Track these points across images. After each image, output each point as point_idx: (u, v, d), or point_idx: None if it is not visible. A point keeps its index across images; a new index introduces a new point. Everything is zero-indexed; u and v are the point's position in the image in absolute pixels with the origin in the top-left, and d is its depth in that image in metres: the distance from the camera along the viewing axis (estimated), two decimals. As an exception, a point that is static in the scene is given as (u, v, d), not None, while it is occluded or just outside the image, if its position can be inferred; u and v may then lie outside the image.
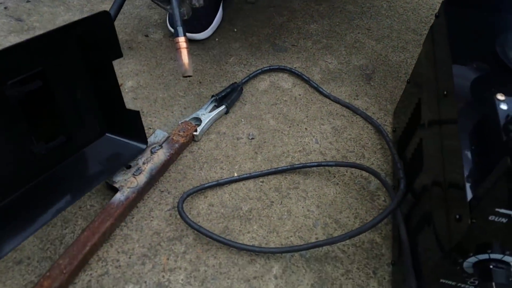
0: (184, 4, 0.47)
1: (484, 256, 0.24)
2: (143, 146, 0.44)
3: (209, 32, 0.63)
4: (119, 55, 0.38)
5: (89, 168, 0.41)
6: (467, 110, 0.29)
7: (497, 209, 0.22)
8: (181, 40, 0.42)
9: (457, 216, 0.24)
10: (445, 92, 0.32)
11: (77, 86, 0.39)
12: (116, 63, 0.39)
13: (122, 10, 0.50)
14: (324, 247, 0.39)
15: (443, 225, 0.27)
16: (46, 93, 0.37)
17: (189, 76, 0.43)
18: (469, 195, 0.24)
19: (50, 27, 0.64)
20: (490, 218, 0.22)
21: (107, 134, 0.44)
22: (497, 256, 0.24)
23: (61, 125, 0.39)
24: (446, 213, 0.27)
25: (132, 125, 0.42)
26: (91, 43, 0.37)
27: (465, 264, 0.26)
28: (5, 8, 0.67)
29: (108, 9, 0.41)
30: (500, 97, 0.27)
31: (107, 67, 0.39)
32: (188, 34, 0.44)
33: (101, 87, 0.40)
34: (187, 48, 0.42)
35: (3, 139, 0.34)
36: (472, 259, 0.25)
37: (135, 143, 0.43)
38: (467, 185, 0.24)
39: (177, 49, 0.42)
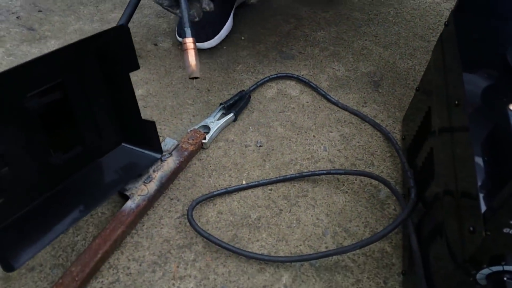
0: (194, 6, 0.47)
1: (498, 268, 0.24)
2: (158, 156, 0.44)
3: (215, 42, 0.63)
4: (136, 67, 0.39)
5: (105, 178, 0.42)
6: (479, 120, 0.29)
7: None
8: (189, 41, 0.41)
9: (471, 228, 0.24)
10: (456, 102, 0.32)
11: (94, 97, 0.40)
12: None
13: (131, 19, 0.50)
14: (334, 256, 0.39)
15: (455, 236, 0.27)
16: (64, 104, 0.37)
17: (196, 77, 0.41)
18: (483, 207, 0.23)
19: (61, 36, 0.65)
20: (504, 230, 0.22)
21: (123, 144, 0.44)
22: (511, 268, 0.24)
23: (78, 135, 0.40)
24: (459, 223, 0.27)
25: (147, 135, 0.43)
26: (108, 56, 0.38)
27: (478, 276, 0.25)
28: (18, 17, 0.68)
29: (118, 18, 0.41)
30: (513, 107, 0.27)
31: (124, 78, 0.39)
32: None
33: (118, 98, 0.41)
34: (194, 49, 0.41)
35: (22, 150, 0.35)
36: (486, 271, 0.25)
37: (150, 153, 0.44)
38: (481, 196, 0.24)
39: (184, 50, 0.41)
